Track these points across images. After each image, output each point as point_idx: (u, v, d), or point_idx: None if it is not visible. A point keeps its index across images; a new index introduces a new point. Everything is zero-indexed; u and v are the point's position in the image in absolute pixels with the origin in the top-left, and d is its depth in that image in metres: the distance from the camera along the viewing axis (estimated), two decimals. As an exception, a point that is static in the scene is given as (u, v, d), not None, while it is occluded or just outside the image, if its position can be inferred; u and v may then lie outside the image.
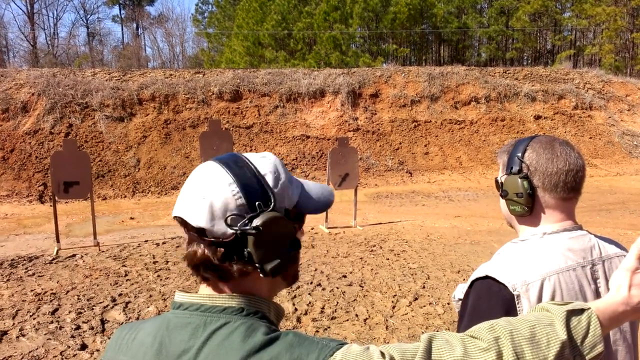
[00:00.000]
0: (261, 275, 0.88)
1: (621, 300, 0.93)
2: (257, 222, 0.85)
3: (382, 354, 0.79)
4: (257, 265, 0.86)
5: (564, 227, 1.36)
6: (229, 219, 0.85)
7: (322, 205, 0.99)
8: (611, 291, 0.96)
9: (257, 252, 0.86)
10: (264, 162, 0.93)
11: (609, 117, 19.16)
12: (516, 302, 1.23)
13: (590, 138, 18.07)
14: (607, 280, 1.30)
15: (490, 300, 1.26)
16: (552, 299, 1.23)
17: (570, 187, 1.36)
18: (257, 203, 0.87)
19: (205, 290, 0.92)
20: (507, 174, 1.41)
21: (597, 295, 1.29)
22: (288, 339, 0.82)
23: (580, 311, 0.89)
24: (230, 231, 0.85)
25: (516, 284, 1.24)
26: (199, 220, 0.86)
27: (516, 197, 1.38)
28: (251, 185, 0.88)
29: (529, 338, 0.83)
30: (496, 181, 1.46)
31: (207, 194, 0.86)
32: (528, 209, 1.37)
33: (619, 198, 12.04)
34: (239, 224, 0.85)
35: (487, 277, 1.28)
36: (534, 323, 0.86)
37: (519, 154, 1.39)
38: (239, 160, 0.92)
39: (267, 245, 0.87)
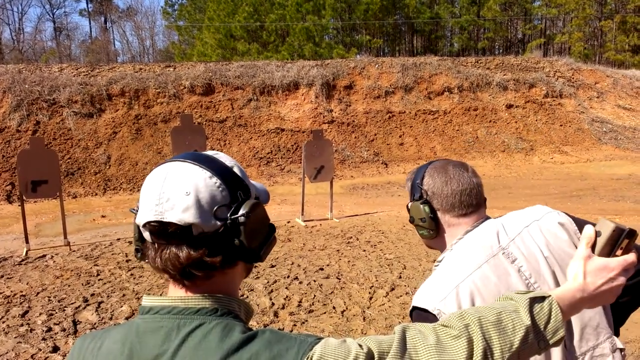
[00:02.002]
0: (251, 262, 0.93)
1: (578, 287, 0.97)
2: (243, 210, 0.88)
3: (360, 346, 0.80)
4: (251, 251, 0.90)
5: (465, 230, 1.44)
6: (217, 210, 0.86)
7: (267, 198, 1.04)
8: (569, 279, 0.99)
9: (248, 239, 0.89)
10: (225, 157, 0.94)
11: (579, 105, 19.52)
12: (440, 318, 1.28)
13: (561, 125, 18.39)
14: (524, 257, 1.35)
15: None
16: (472, 301, 1.28)
17: (467, 205, 1.44)
18: (238, 192, 0.90)
19: (176, 292, 0.90)
20: (411, 200, 1.51)
21: (521, 274, 1.33)
22: (266, 337, 0.82)
23: (542, 299, 0.92)
24: (218, 223, 0.86)
25: (435, 304, 1.30)
26: (186, 217, 0.84)
27: (421, 222, 1.47)
28: (228, 176, 0.90)
29: (496, 324, 0.87)
30: (407, 208, 1.54)
31: (191, 190, 0.85)
32: (433, 232, 1.47)
33: (589, 184, 12.29)
34: (228, 215, 0.87)
35: (416, 308, 1.35)
36: (500, 310, 0.89)
37: (418, 181, 1.50)
38: (203, 155, 0.92)
39: (255, 231, 0.90)
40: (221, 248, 0.87)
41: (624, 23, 33.90)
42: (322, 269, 6.04)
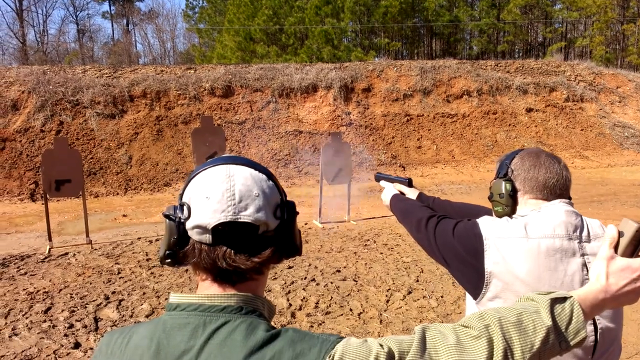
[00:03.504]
0: (293, 256, 0.97)
1: (600, 288, 0.96)
2: (290, 208, 0.95)
3: (381, 345, 0.82)
4: (296, 246, 0.96)
5: (560, 201, 1.44)
6: (276, 210, 0.92)
7: None
8: (591, 280, 0.99)
9: (297, 234, 0.98)
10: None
11: (600, 109, 19.24)
12: (484, 242, 1.39)
13: (582, 130, 18.15)
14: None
15: (469, 228, 1.46)
16: (522, 258, 1.33)
17: (549, 192, 1.45)
18: (282, 193, 0.97)
19: (206, 290, 0.92)
20: (495, 178, 1.56)
21: (584, 267, 1.36)
22: (289, 335, 0.84)
23: (563, 299, 0.92)
24: (277, 222, 0.92)
25: (490, 235, 1.40)
26: (260, 216, 0.89)
27: (498, 198, 1.51)
28: (274, 178, 0.96)
29: (516, 325, 0.87)
30: (490, 186, 1.60)
31: (259, 191, 0.91)
32: (508, 209, 1.49)
33: (611, 189, 12.11)
34: (281, 213, 0.93)
35: (473, 221, 1.49)
36: (520, 311, 0.89)
37: (507, 161, 1.53)
38: (248, 159, 0.97)
39: (297, 227, 0.98)
40: (278, 245, 0.94)
41: (647, 26, 33.31)
42: (339, 271, 6.06)
